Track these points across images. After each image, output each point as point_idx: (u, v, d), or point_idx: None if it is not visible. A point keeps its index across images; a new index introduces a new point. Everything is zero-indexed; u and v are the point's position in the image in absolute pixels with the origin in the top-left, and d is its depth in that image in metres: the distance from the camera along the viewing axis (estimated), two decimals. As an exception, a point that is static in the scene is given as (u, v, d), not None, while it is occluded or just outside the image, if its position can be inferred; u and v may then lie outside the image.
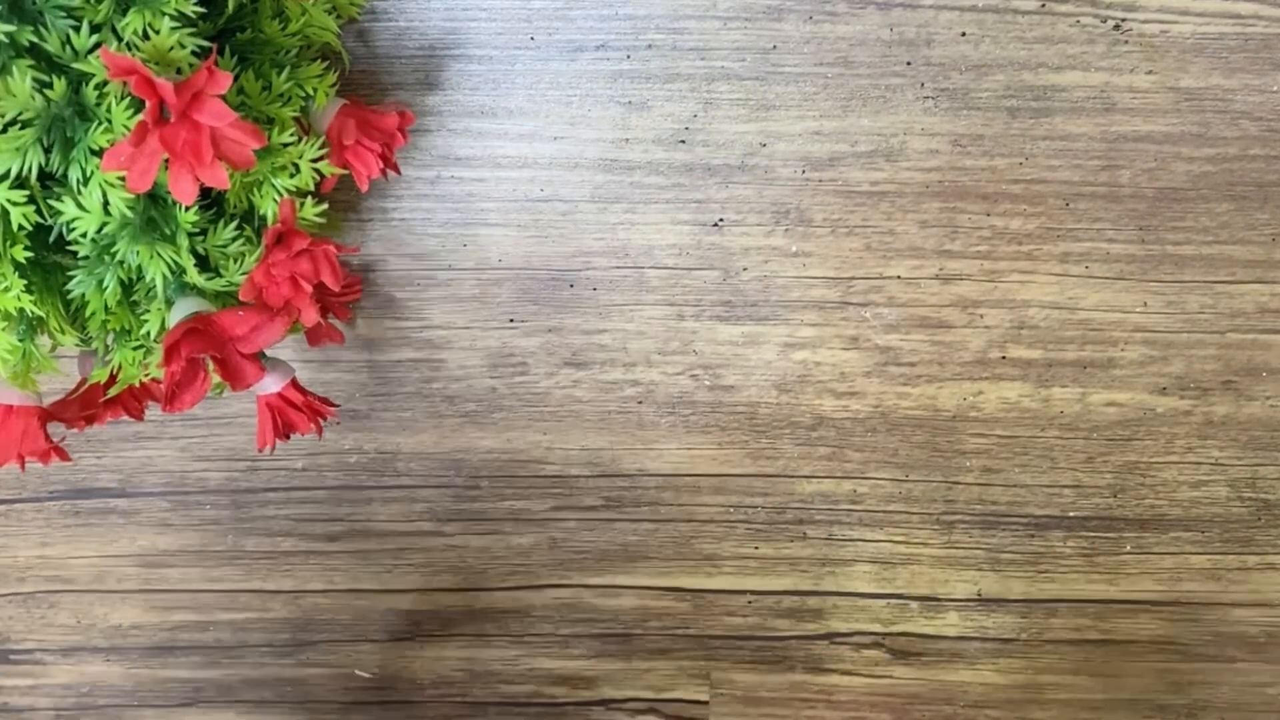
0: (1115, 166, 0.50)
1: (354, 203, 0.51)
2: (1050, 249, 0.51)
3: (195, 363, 0.38)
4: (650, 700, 0.56)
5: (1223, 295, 0.52)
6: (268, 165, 0.41)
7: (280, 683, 0.57)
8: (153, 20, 0.36)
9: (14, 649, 0.56)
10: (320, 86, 0.43)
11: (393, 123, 0.44)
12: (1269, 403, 0.53)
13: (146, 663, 0.56)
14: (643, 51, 0.49)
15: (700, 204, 0.51)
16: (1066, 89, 0.49)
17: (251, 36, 0.42)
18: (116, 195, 0.38)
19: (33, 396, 0.43)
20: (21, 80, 0.36)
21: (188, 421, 0.54)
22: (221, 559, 0.55)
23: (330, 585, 0.55)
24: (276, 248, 0.41)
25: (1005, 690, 0.56)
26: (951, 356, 0.53)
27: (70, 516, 0.55)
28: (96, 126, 0.37)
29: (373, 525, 0.55)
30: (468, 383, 0.53)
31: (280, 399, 0.45)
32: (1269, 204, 0.51)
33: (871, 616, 0.55)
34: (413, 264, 0.52)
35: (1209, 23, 0.49)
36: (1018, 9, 0.48)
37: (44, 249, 0.40)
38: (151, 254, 0.39)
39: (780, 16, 0.49)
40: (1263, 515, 0.55)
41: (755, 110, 0.50)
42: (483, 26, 0.49)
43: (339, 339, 0.49)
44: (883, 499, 0.54)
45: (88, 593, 0.56)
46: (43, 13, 0.36)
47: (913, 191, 0.50)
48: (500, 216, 0.51)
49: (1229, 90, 0.49)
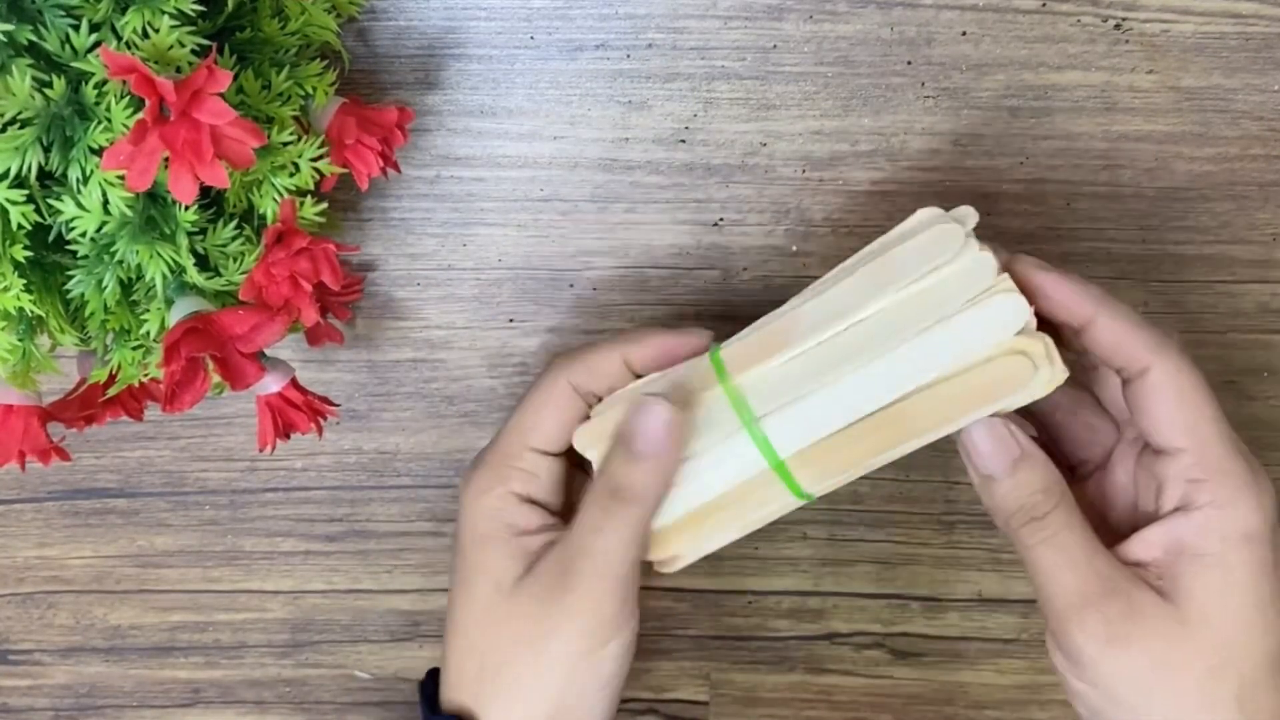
0: (1116, 166, 0.50)
1: (354, 202, 0.51)
2: (1051, 249, 0.51)
3: (195, 362, 0.38)
4: (650, 700, 0.56)
5: (1224, 295, 0.52)
6: (267, 164, 0.41)
7: (280, 683, 0.57)
8: (152, 19, 0.36)
9: (13, 649, 0.56)
10: (320, 85, 0.43)
11: (392, 118, 0.44)
12: (1270, 403, 0.53)
13: (146, 663, 0.56)
14: (643, 51, 0.49)
15: (700, 203, 0.51)
16: (1067, 88, 0.49)
17: (251, 35, 0.42)
18: (116, 194, 0.38)
19: (32, 396, 0.43)
20: (21, 79, 0.36)
21: (187, 421, 0.54)
22: (221, 559, 0.55)
23: (330, 585, 0.55)
24: (276, 247, 0.41)
25: (1005, 690, 0.56)
26: (952, 356, 0.52)
27: (69, 516, 0.55)
28: (96, 125, 0.37)
29: (372, 525, 0.55)
30: (467, 383, 0.53)
31: (280, 399, 0.45)
32: (1270, 204, 0.51)
33: (872, 617, 0.55)
34: (412, 264, 0.52)
35: (1210, 22, 0.49)
36: (1018, 8, 0.48)
37: (43, 248, 0.40)
38: (151, 253, 0.39)
39: (781, 16, 0.49)
40: (1263, 515, 0.55)
41: (755, 109, 0.50)
42: (482, 26, 0.49)
43: (338, 339, 0.49)
44: (883, 499, 0.54)
45: (87, 593, 0.56)
46: (42, 11, 0.36)
47: (913, 191, 0.50)
48: (500, 216, 0.51)
49: (1230, 90, 0.49)
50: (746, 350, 0.41)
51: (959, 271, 0.39)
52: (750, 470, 0.41)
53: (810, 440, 0.40)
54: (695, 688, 0.56)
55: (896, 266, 0.40)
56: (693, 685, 0.56)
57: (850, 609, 0.55)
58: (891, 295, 0.39)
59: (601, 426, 0.43)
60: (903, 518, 0.54)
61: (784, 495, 0.42)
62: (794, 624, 0.55)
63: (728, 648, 0.55)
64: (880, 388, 0.39)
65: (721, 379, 0.41)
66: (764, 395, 0.41)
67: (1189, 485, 0.39)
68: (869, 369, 0.39)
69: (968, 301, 0.39)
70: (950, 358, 0.39)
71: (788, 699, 0.56)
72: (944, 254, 0.39)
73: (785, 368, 0.40)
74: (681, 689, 0.56)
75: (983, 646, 0.55)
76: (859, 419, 0.40)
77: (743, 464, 0.41)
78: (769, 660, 0.55)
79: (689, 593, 0.55)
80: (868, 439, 0.40)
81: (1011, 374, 0.39)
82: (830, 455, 0.41)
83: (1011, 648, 0.56)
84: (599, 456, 0.43)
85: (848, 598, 0.55)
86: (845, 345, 0.40)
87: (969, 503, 0.54)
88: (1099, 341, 0.41)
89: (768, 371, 0.41)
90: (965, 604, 0.55)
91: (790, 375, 0.40)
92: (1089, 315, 0.40)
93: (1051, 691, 0.56)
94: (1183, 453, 0.40)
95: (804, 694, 0.56)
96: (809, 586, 0.55)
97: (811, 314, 0.41)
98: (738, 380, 0.41)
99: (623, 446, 0.41)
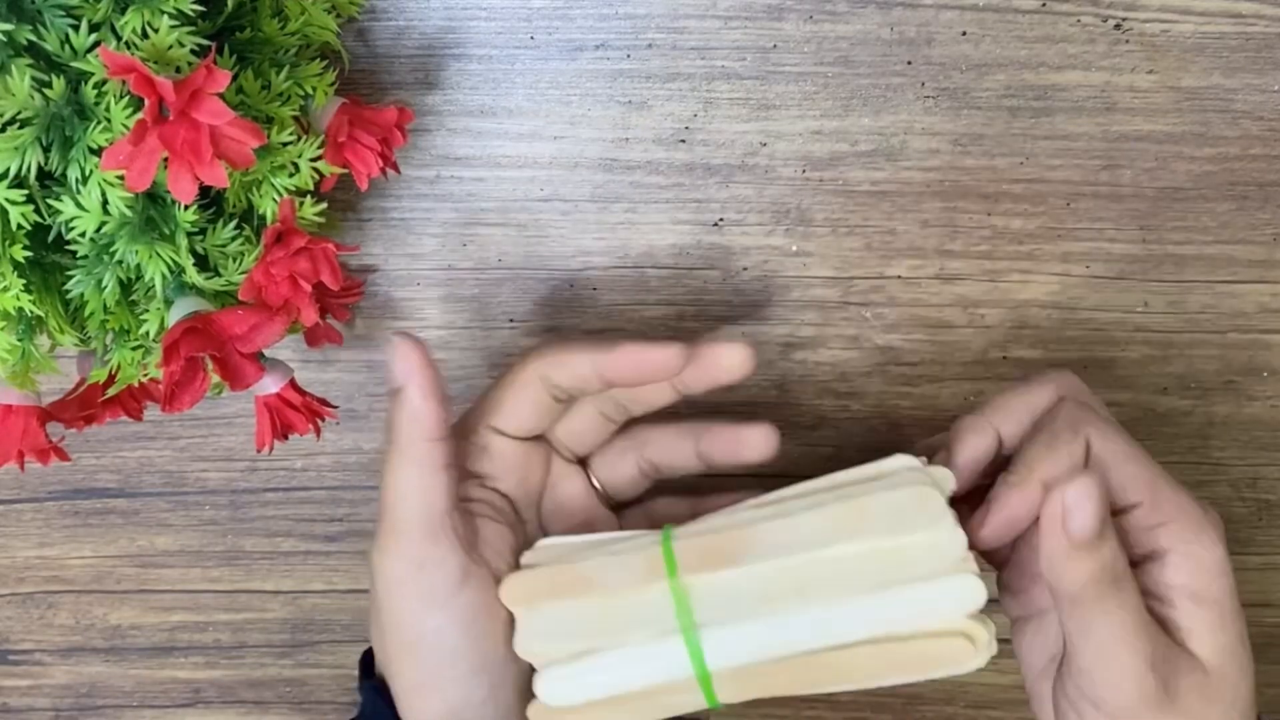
0: (1116, 166, 0.50)
1: (353, 202, 0.51)
2: (1051, 249, 0.51)
3: (194, 362, 0.38)
4: (650, 701, 0.56)
5: (1224, 295, 0.52)
6: (267, 164, 0.41)
7: (280, 683, 0.57)
8: (152, 19, 0.36)
9: (13, 649, 0.56)
10: (319, 85, 0.43)
11: (391, 118, 0.44)
12: (1270, 403, 0.53)
13: (146, 663, 0.56)
14: (643, 51, 0.49)
15: (700, 204, 0.51)
16: (1067, 88, 0.49)
17: (250, 35, 0.41)
18: (115, 194, 0.38)
19: (32, 396, 0.43)
20: (20, 79, 0.36)
21: (187, 421, 0.54)
22: (220, 559, 0.55)
23: (330, 585, 0.55)
24: (275, 247, 0.41)
25: (1006, 690, 0.56)
26: (952, 356, 0.52)
27: (69, 517, 0.55)
28: (95, 125, 0.37)
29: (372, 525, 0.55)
30: (467, 383, 0.53)
31: (278, 399, 0.45)
32: (1270, 203, 0.51)
33: (872, 617, 0.55)
34: (412, 264, 0.52)
35: (1210, 22, 0.48)
36: (1018, 8, 0.48)
37: (43, 248, 0.40)
38: (150, 253, 0.39)
39: (781, 16, 0.49)
40: (1263, 515, 0.55)
41: (755, 110, 0.50)
42: (482, 26, 0.49)
43: (338, 340, 0.49)
44: (883, 499, 0.54)
45: (86, 593, 0.56)
46: (41, 11, 0.36)
47: (913, 191, 0.50)
48: (500, 216, 0.51)
49: (1230, 90, 0.49)
50: (700, 551, 0.40)
51: (930, 542, 0.38)
52: (674, 673, 0.40)
53: (742, 662, 0.40)
54: (695, 688, 0.56)
55: (868, 517, 0.39)
56: (693, 685, 0.56)
57: (850, 609, 0.55)
58: (857, 544, 0.39)
59: (532, 582, 0.42)
60: (903, 518, 0.54)
61: (696, 701, 0.41)
62: (794, 624, 0.55)
63: (728, 648, 0.55)
64: (825, 631, 0.39)
65: (670, 573, 0.40)
66: (708, 604, 0.40)
67: (1147, 533, 0.40)
68: (818, 610, 0.39)
69: (930, 571, 0.38)
70: (900, 622, 0.39)
71: (788, 698, 0.56)
72: (918, 520, 0.39)
73: (736, 583, 0.40)
74: (681, 689, 0.56)
75: (983, 647, 0.55)
76: (794, 654, 0.39)
77: (669, 666, 0.40)
78: (769, 660, 0.55)
79: (689, 593, 0.55)
80: (795, 673, 0.40)
81: (951, 654, 0.39)
82: (755, 679, 0.40)
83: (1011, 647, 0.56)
84: (523, 614, 0.42)
85: (848, 598, 0.55)
86: (800, 579, 0.39)
87: (969, 503, 0.54)
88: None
89: (717, 581, 0.40)
90: (965, 604, 0.55)
91: (739, 591, 0.40)
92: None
93: (1052, 692, 0.56)
94: (1136, 507, 0.40)
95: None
96: (809, 587, 0.55)
97: (774, 535, 0.40)
98: (685, 580, 0.40)
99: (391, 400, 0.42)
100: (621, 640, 0.41)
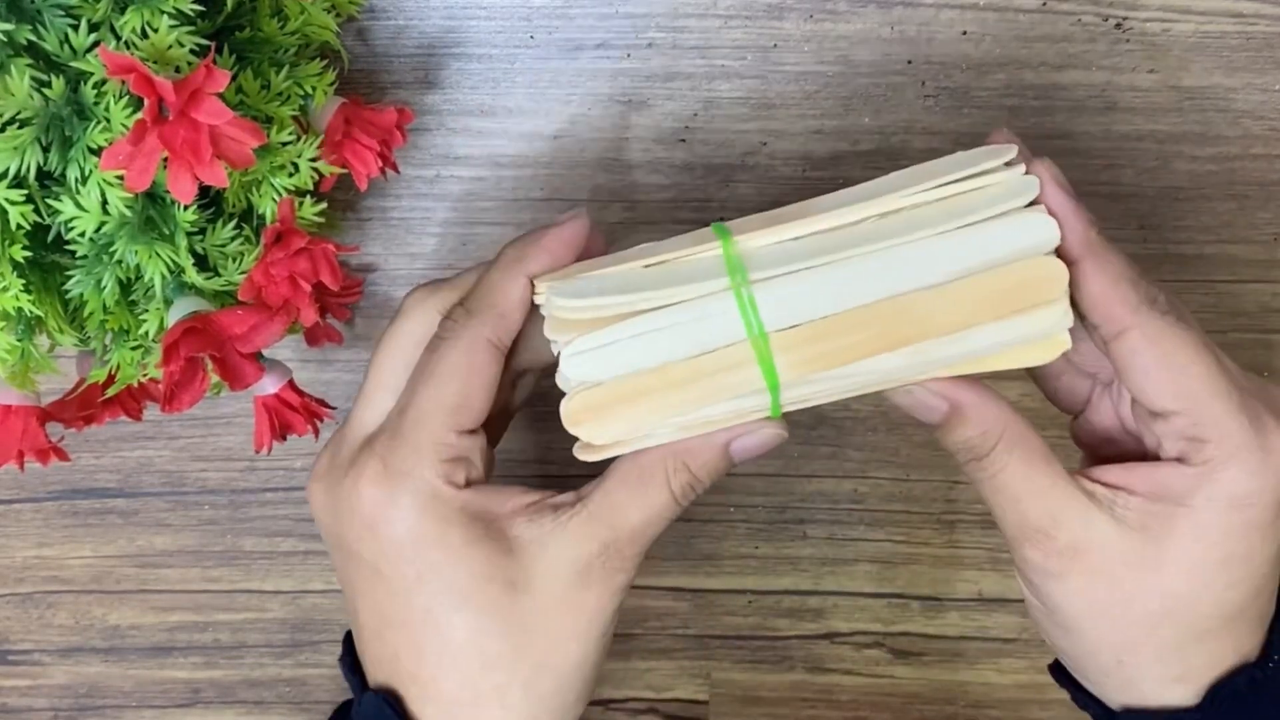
0: (1117, 165, 0.50)
1: (353, 202, 0.51)
2: (1051, 248, 0.51)
3: (194, 362, 0.38)
4: (650, 700, 0.56)
5: (1225, 295, 0.52)
6: (266, 164, 0.41)
7: (280, 683, 0.56)
8: (151, 18, 0.36)
9: (12, 649, 0.56)
10: (319, 85, 0.43)
11: (391, 119, 0.44)
12: (1270, 402, 0.53)
13: (145, 663, 0.56)
14: (643, 50, 0.49)
15: (700, 204, 0.51)
16: (1068, 88, 0.49)
17: (250, 35, 0.41)
18: (115, 194, 0.38)
19: (31, 396, 0.43)
20: (19, 79, 0.36)
21: (186, 421, 0.54)
22: (220, 559, 0.55)
23: (330, 585, 0.55)
24: (275, 247, 0.41)
25: (1005, 690, 0.56)
26: (952, 356, 0.52)
27: (68, 516, 0.55)
28: (95, 125, 0.37)
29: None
30: (467, 382, 0.53)
31: (277, 400, 0.45)
32: (1271, 203, 0.51)
33: (872, 616, 0.55)
34: (412, 264, 0.52)
35: (1211, 21, 0.48)
36: (1019, 7, 0.48)
37: (42, 248, 0.40)
38: (150, 253, 0.39)
39: (781, 15, 0.49)
40: (1264, 515, 0.55)
41: (755, 109, 0.50)
42: (482, 25, 0.49)
43: (337, 339, 0.49)
44: (883, 498, 0.54)
45: (86, 593, 0.56)
46: (41, 11, 0.36)
47: (913, 190, 0.50)
48: (500, 216, 0.51)
49: (1231, 89, 0.49)
50: (755, 223, 0.37)
51: (1000, 181, 0.36)
52: (724, 337, 0.35)
53: (802, 318, 0.35)
54: (695, 687, 0.56)
55: (935, 167, 0.37)
56: (693, 684, 0.56)
57: (850, 608, 0.55)
58: (922, 192, 0.36)
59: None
60: (903, 517, 0.54)
61: (753, 388, 0.36)
62: (794, 623, 0.55)
63: (728, 647, 0.55)
64: (889, 275, 0.35)
65: (723, 241, 0.36)
66: (762, 262, 0.35)
67: (1187, 443, 0.38)
68: (881, 254, 0.35)
69: (1000, 213, 0.36)
70: (969, 259, 0.36)
71: (788, 698, 0.56)
72: (989, 163, 0.36)
73: (792, 244, 0.36)
74: (681, 688, 0.56)
75: (983, 646, 0.55)
76: (859, 305, 0.35)
77: (718, 328, 0.35)
78: (769, 659, 0.55)
79: (689, 592, 0.55)
80: (863, 332, 0.35)
81: (1032, 283, 0.36)
82: (819, 343, 0.35)
83: (1011, 647, 0.56)
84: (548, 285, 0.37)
85: (848, 597, 0.55)
86: (862, 233, 0.36)
87: (969, 502, 0.54)
88: (1079, 292, 0.38)
89: (772, 243, 0.36)
90: (965, 603, 0.55)
91: (796, 251, 0.36)
92: (1074, 257, 0.38)
93: (1052, 691, 0.56)
94: (1176, 415, 0.38)
95: (804, 693, 0.56)
96: (809, 586, 0.55)
97: (833, 200, 0.37)
98: (739, 245, 0.36)
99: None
100: (661, 299, 0.35)
